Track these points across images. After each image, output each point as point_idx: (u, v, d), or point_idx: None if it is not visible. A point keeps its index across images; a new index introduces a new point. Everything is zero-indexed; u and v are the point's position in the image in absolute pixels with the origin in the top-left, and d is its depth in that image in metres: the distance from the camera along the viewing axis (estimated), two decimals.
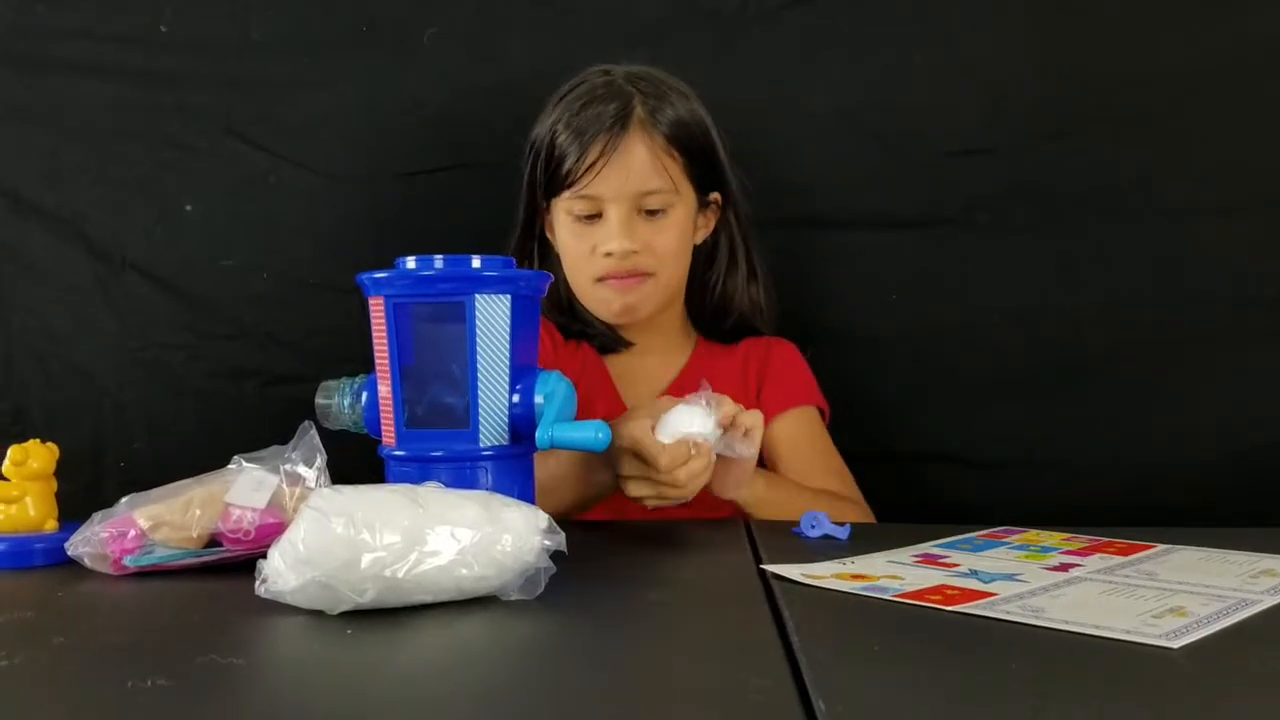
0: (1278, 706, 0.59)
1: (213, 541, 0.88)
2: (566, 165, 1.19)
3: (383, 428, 0.96)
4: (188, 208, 1.38)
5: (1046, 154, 1.35)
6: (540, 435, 0.90)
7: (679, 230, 1.23)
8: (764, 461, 1.29)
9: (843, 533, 1.00)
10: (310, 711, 0.60)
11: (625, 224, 1.19)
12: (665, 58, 1.31)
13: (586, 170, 1.18)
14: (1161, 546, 0.95)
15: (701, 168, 1.24)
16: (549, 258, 1.28)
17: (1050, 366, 1.38)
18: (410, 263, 0.94)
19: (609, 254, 1.19)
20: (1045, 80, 1.36)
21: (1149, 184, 1.35)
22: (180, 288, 1.38)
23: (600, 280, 1.22)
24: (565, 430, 0.90)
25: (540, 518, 0.79)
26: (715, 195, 1.27)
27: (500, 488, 0.89)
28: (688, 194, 1.23)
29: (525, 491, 0.94)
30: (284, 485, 0.87)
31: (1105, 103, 1.34)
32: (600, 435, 0.90)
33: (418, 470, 0.91)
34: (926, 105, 1.36)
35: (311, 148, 1.38)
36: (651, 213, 1.21)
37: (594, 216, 1.20)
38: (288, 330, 1.38)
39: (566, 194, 1.20)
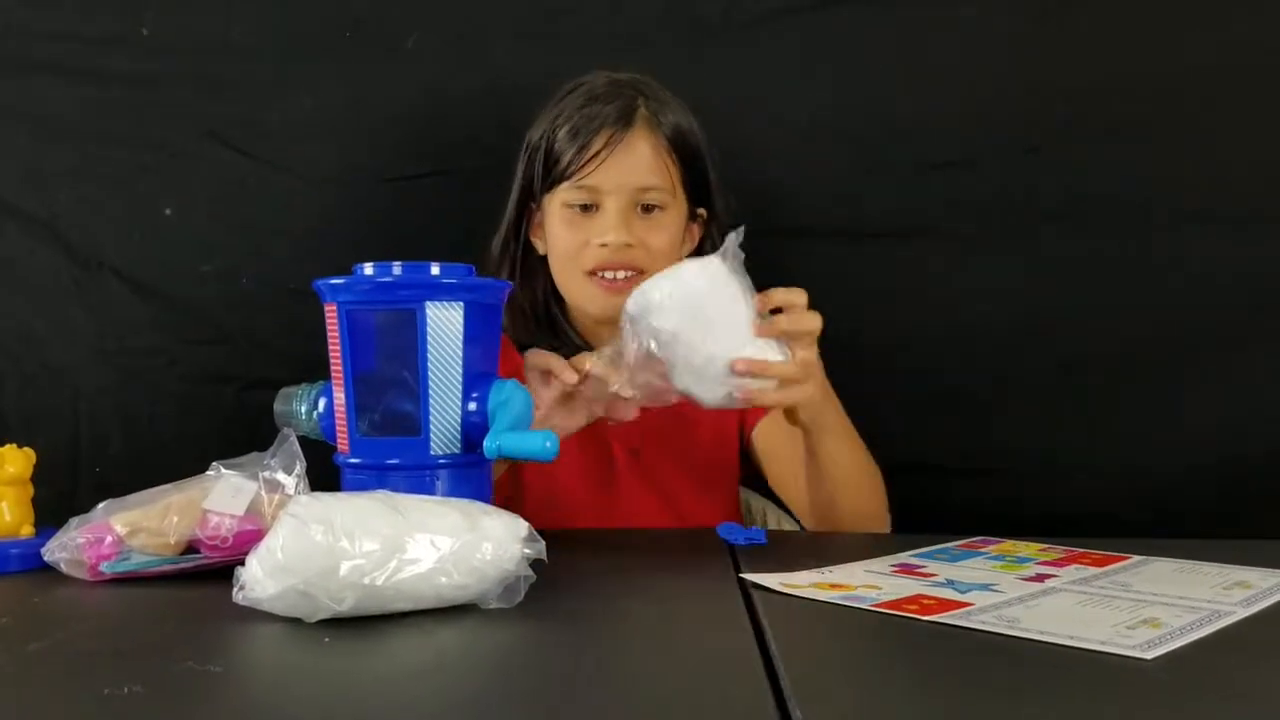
0: (1248, 718, 0.60)
1: (190, 548, 0.88)
2: (568, 157, 1.19)
3: (337, 435, 0.96)
4: (167, 211, 1.37)
5: (1026, 165, 1.36)
6: (488, 444, 0.89)
7: (672, 231, 1.23)
8: (757, 469, 1.29)
9: (761, 536, 1.03)
10: (288, 719, 0.60)
11: (622, 217, 1.19)
12: (647, 65, 1.31)
13: (589, 160, 1.18)
14: (1136, 558, 0.96)
15: (694, 180, 1.25)
16: (530, 262, 1.28)
17: (1029, 377, 1.39)
18: (368, 269, 0.94)
19: (604, 245, 1.19)
20: (1025, 92, 1.36)
21: (1127, 195, 1.36)
22: (159, 291, 1.37)
23: (591, 274, 1.21)
24: (513, 439, 0.89)
25: (520, 526, 0.79)
26: (702, 211, 1.28)
27: (452, 495, 0.89)
28: (681, 200, 1.24)
29: (481, 500, 0.94)
30: (263, 492, 0.87)
31: (1084, 114, 1.36)
32: (549, 444, 0.89)
33: (371, 478, 0.91)
34: (907, 116, 1.37)
35: (293, 151, 1.38)
36: (648, 210, 1.21)
37: (590, 209, 1.20)
38: (267, 335, 1.37)
39: (565, 185, 1.20)
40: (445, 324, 0.91)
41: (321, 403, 0.98)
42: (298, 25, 1.38)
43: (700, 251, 1.29)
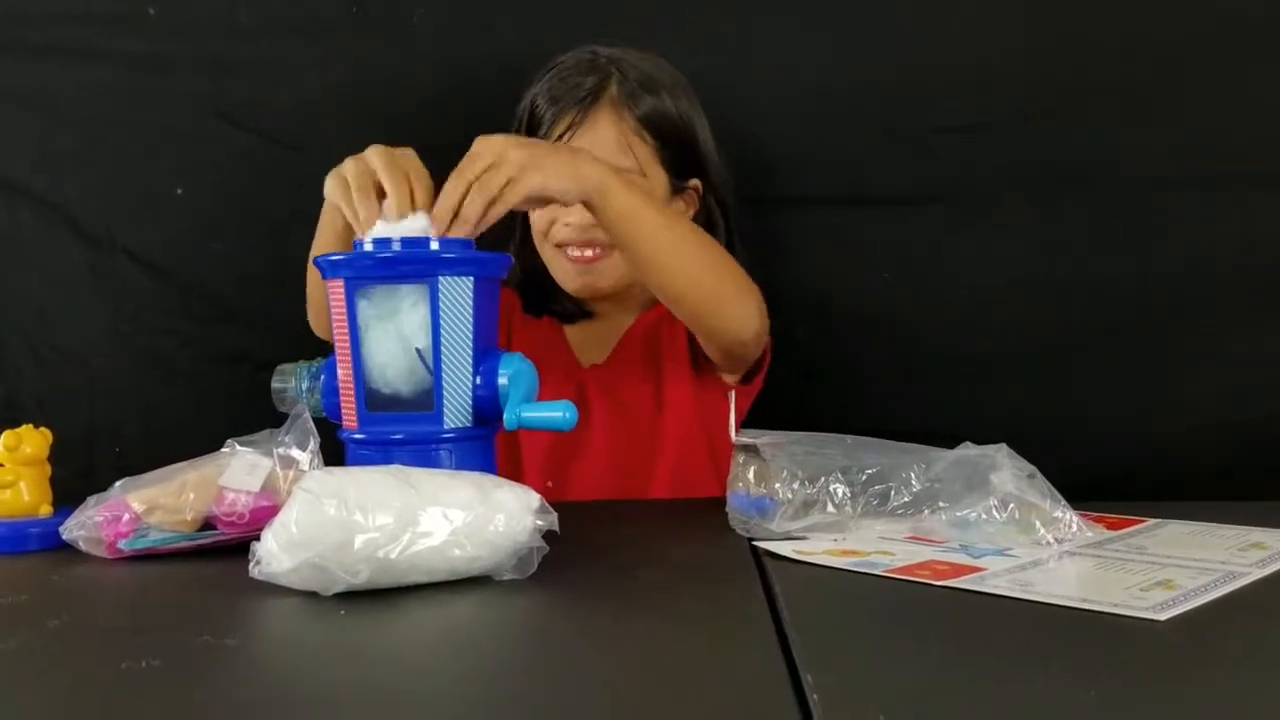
0: (1259, 677, 0.60)
1: (207, 525, 0.88)
2: (538, 135, 1.20)
3: (343, 411, 0.96)
4: (178, 192, 1.38)
5: (1035, 131, 1.35)
6: (507, 417, 0.90)
7: None
8: None
9: (773, 506, 0.98)
10: (304, 691, 0.60)
11: None
12: (653, 34, 1.30)
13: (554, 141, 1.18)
14: (1151, 521, 0.96)
15: (678, 154, 1.23)
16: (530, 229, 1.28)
17: (1039, 343, 1.38)
18: (367, 245, 0.94)
19: (568, 224, 1.19)
20: (1033, 57, 1.35)
21: (1137, 160, 1.34)
22: (171, 272, 1.38)
23: (559, 247, 1.22)
24: (532, 411, 0.91)
25: (532, 498, 0.80)
26: (695, 182, 1.26)
27: (462, 469, 0.90)
28: (657, 176, 1.22)
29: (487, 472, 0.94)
30: (278, 468, 0.88)
31: (1093, 79, 1.34)
32: (567, 415, 0.90)
33: (378, 453, 0.92)
34: (914, 82, 1.35)
35: (301, 130, 1.37)
36: None
37: None
38: (279, 314, 1.37)
39: None
40: (457, 297, 0.92)
41: (323, 379, 0.98)
42: (305, 3, 1.38)
43: (697, 220, 1.28)
